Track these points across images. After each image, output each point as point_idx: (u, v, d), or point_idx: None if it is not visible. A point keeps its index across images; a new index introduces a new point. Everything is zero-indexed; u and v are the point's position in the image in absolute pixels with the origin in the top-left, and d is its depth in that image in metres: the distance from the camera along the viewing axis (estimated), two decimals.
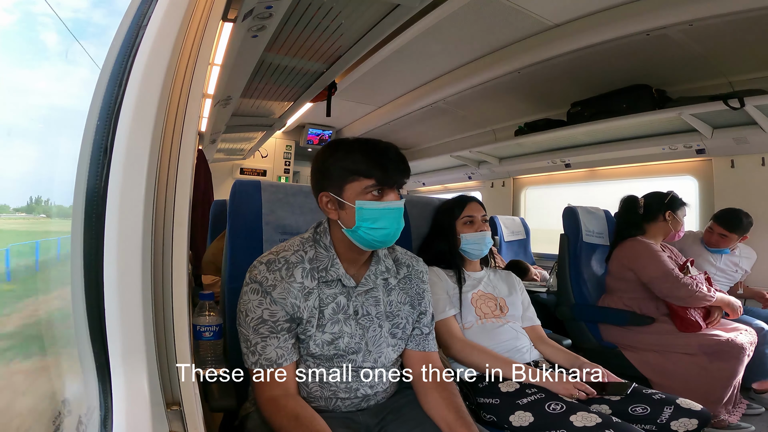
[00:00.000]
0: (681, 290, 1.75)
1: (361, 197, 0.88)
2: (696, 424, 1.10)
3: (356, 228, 0.89)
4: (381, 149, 0.89)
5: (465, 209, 1.41)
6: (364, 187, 0.88)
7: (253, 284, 0.89)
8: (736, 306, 1.83)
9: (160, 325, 0.59)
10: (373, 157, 0.88)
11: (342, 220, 0.91)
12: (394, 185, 0.90)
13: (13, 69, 0.72)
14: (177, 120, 0.61)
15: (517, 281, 1.49)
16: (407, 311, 1.01)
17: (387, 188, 0.89)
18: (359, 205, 0.88)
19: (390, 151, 0.90)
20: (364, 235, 0.89)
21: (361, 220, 0.88)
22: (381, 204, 0.88)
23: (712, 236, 2.27)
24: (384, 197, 0.89)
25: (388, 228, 0.89)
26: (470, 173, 4.35)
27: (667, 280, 1.78)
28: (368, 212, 0.88)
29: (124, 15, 0.60)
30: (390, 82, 3.38)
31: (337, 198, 0.90)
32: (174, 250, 0.61)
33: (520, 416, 1.10)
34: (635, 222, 2.00)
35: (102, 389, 0.54)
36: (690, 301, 1.75)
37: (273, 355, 0.87)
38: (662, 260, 1.84)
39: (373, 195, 0.88)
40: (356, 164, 0.88)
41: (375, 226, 0.88)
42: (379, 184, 0.88)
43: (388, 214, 0.88)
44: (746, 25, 1.97)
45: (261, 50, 2.00)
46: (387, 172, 0.88)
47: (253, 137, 4.38)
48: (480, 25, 2.37)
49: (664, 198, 1.98)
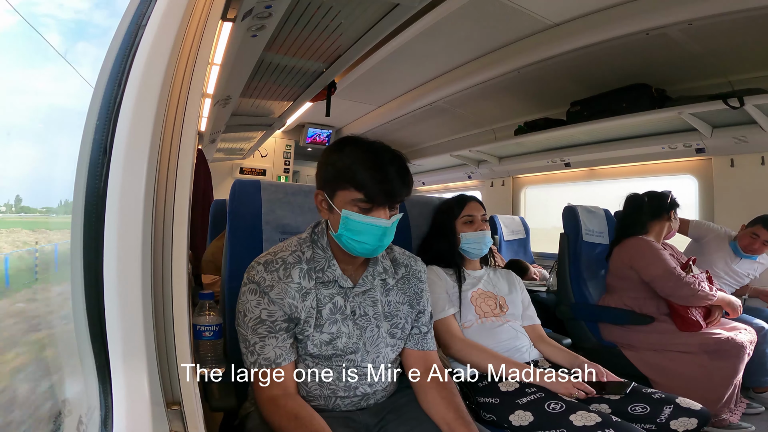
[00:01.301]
0: (684, 289, 1.75)
1: (348, 207, 0.86)
2: (695, 423, 1.10)
3: (339, 234, 0.89)
4: (383, 162, 0.85)
5: (465, 208, 1.41)
6: (352, 199, 0.86)
7: (251, 284, 0.89)
8: (737, 305, 1.83)
9: (160, 325, 0.59)
10: (370, 169, 0.84)
11: (330, 222, 0.92)
12: (384, 204, 0.86)
13: (14, 69, 0.72)
14: (176, 119, 0.61)
15: (517, 280, 1.49)
16: (406, 311, 1.01)
17: (376, 205, 0.86)
18: (344, 215, 0.87)
19: (391, 167, 0.85)
20: (345, 242, 0.89)
21: (344, 229, 0.87)
22: (366, 219, 0.86)
23: (755, 242, 2.16)
24: (372, 212, 0.86)
25: (368, 243, 0.87)
26: (470, 172, 4.36)
27: (670, 279, 1.78)
28: (352, 223, 0.86)
29: (123, 14, 0.60)
30: (390, 82, 3.38)
31: (328, 200, 0.90)
32: (174, 250, 0.61)
33: (519, 416, 1.10)
34: (640, 220, 1.99)
35: (102, 389, 0.54)
36: (692, 300, 1.75)
37: (272, 355, 0.87)
38: (664, 259, 1.84)
39: (359, 208, 0.86)
40: (351, 173, 0.85)
41: (356, 239, 0.87)
42: (368, 200, 0.85)
43: (371, 231, 0.86)
44: (746, 25, 1.97)
45: (260, 50, 2.00)
46: (380, 190, 0.84)
47: (252, 137, 4.38)
48: (480, 24, 2.37)
49: (666, 197, 1.98)
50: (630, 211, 2.05)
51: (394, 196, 0.86)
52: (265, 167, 5.35)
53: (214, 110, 2.83)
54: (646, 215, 1.98)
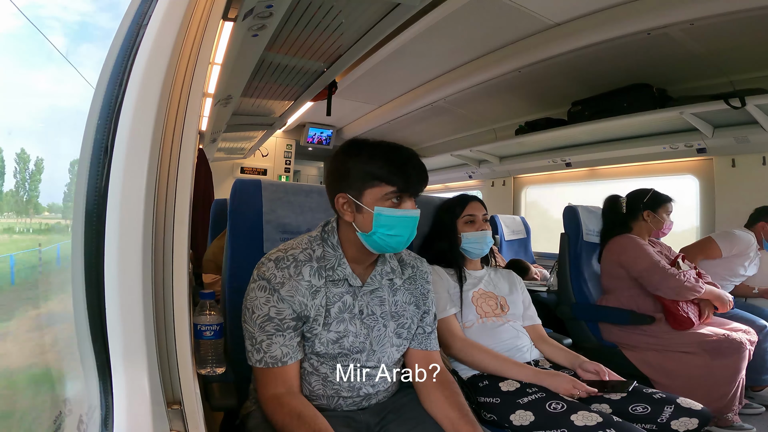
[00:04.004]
0: (670, 280, 1.75)
1: (380, 203, 0.89)
2: (696, 423, 1.10)
3: (372, 233, 0.90)
4: (404, 157, 0.90)
5: (466, 208, 1.41)
6: (384, 194, 0.88)
7: (261, 281, 0.89)
8: (726, 299, 1.82)
9: (161, 325, 0.59)
10: (396, 164, 0.88)
11: (357, 223, 0.91)
12: (413, 194, 0.91)
13: (17, 69, 0.72)
14: (177, 119, 0.61)
15: (518, 280, 1.49)
16: (412, 311, 1.01)
17: (406, 196, 0.90)
18: (378, 211, 0.88)
19: (413, 160, 0.90)
20: (378, 240, 0.90)
21: (378, 226, 0.89)
22: (399, 212, 0.89)
23: None
24: (402, 205, 0.89)
25: (402, 235, 0.90)
26: (471, 172, 4.35)
27: (656, 272, 1.79)
28: (386, 219, 0.88)
29: (124, 15, 0.60)
30: (390, 81, 3.38)
31: (355, 201, 0.90)
32: (174, 249, 0.61)
33: (520, 415, 1.10)
34: (619, 221, 2.01)
35: (103, 388, 0.54)
36: (679, 291, 1.75)
37: (278, 353, 0.87)
38: (648, 252, 1.85)
39: (392, 202, 0.89)
40: (379, 169, 0.88)
41: (390, 233, 0.89)
42: (399, 191, 0.88)
43: (404, 222, 0.89)
44: (747, 25, 1.97)
45: (261, 49, 2.00)
46: (409, 181, 0.89)
47: (253, 136, 4.38)
48: (480, 24, 2.37)
49: (643, 197, 1.98)
50: (609, 212, 2.08)
51: (419, 185, 0.91)
52: (266, 167, 5.35)
53: (214, 110, 2.83)
54: (625, 216, 2.00)
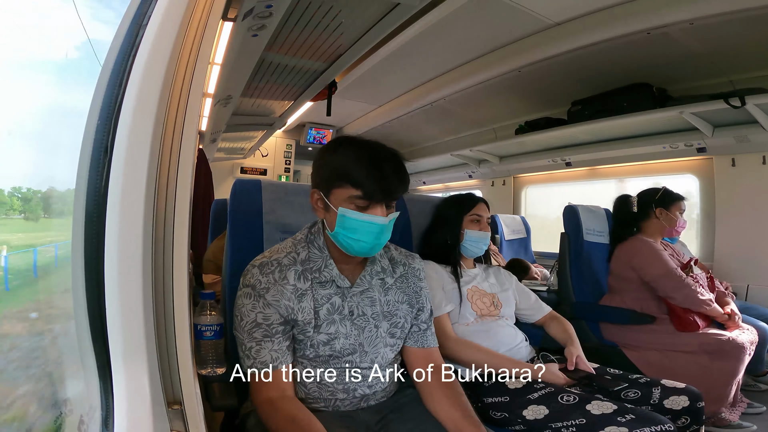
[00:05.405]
0: (684, 289, 1.75)
1: (345, 205, 0.86)
2: (687, 400, 1.15)
3: (335, 233, 0.89)
4: (379, 159, 0.85)
5: (475, 207, 1.42)
6: (348, 196, 0.85)
7: (246, 288, 0.89)
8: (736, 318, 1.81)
9: (161, 325, 0.59)
10: (366, 167, 0.84)
11: (326, 221, 0.91)
12: (381, 201, 0.86)
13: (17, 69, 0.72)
14: (177, 119, 0.61)
15: (508, 276, 1.51)
16: (405, 310, 1.00)
17: (374, 202, 0.86)
18: (341, 213, 0.86)
19: (388, 164, 0.85)
20: (342, 240, 0.89)
21: (341, 227, 0.87)
22: (363, 216, 0.85)
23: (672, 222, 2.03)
24: (369, 209, 0.86)
25: (365, 242, 0.87)
26: (471, 172, 4.35)
27: (671, 279, 1.78)
28: (348, 221, 0.86)
29: (124, 14, 0.60)
30: (390, 81, 3.37)
31: (324, 199, 0.89)
32: (175, 249, 0.61)
33: (533, 410, 1.10)
34: (629, 221, 2.00)
35: (103, 388, 0.54)
36: (691, 301, 1.75)
37: (268, 358, 0.87)
38: (664, 258, 1.84)
39: (356, 206, 0.85)
40: (347, 170, 0.84)
41: (353, 237, 0.87)
42: (365, 197, 0.84)
43: (368, 228, 0.86)
44: (747, 24, 1.97)
45: (261, 49, 2.00)
46: (377, 187, 0.84)
47: (253, 136, 4.38)
48: (480, 23, 2.37)
49: (654, 195, 1.97)
50: (619, 212, 2.07)
51: (390, 192, 0.86)
52: (266, 167, 5.35)
53: (214, 110, 2.83)
54: (635, 215, 1.99)
